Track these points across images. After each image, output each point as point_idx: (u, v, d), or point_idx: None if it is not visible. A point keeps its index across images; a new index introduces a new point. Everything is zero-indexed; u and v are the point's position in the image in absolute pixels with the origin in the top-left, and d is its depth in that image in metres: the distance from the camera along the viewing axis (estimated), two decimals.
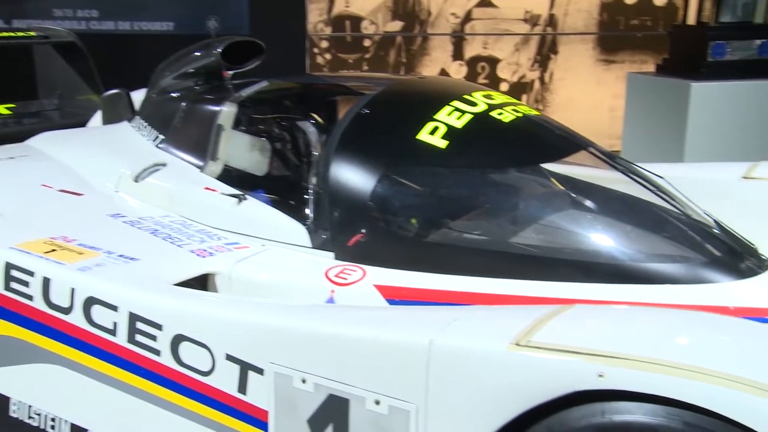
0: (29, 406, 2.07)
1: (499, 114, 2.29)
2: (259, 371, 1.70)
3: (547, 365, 1.39)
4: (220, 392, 1.76)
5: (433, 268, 2.01)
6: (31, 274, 2.01)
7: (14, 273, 2.03)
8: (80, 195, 2.58)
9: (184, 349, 1.80)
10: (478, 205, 2.31)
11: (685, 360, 1.32)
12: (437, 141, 2.18)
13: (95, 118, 3.56)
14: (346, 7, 6.66)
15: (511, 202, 2.31)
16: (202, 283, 2.12)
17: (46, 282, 1.98)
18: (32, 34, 4.46)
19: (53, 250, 2.10)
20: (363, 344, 1.60)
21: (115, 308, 1.89)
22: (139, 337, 1.85)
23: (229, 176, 2.53)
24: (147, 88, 3.08)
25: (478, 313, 1.72)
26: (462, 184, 2.33)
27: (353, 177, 2.19)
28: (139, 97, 3.17)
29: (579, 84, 7.08)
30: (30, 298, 2.01)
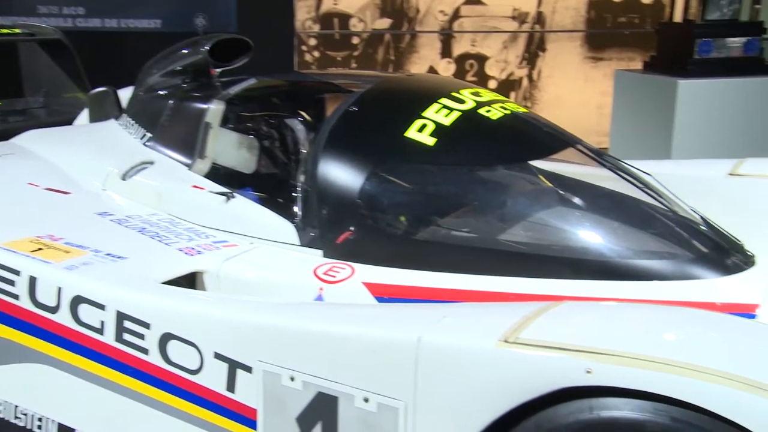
0: (15, 406, 2.06)
1: (487, 111, 2.29)
2: (248, 369, 1.70)
3: (536, 362, 1.40)
4: (209, 391, 1.76)
5: (422, 265, 2.01)
6: (17, 273, 1.99)
7: (0, 272, 2.01)
8: (67, 193, 2.56)
9: (172, 348, 1.79)
10: (467, 203, 2.32)
11: (672, 356, 1.33)
12: (425, 138, 2.19)
13: (82, 116, 3.54)
14: (335, 4, 6.65)
15: (500, 200, 2.32)
16: (190, 281, 2.11)
17: (33, 281, 1.97)
18: (17, 31, 4.43)
19: (39, 249, 2.09)
20: (352, 342, 1.60)
21: (102, 307, 1.88)
22: (127, 336, 1.84)
23: (217, 174, 2.52)
24: (134, 86, 3.06)
25: (467, 311, 1.72)
26: (450, 181, 2.33)
27: (341, 175, 2.19)
28: (126, 95, 3.16)
29: (567, 81, 7.10)
30: (16, 298, 1.99)
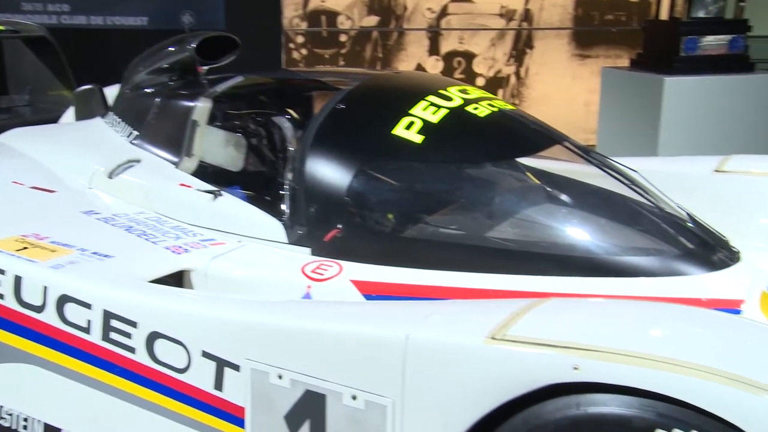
0: (0, 407, 2.04)
1: (475, 109, 2.29)
2: (236, 368, 1.70)
3: (523, 358, 1.40)
4: (196, 389, 1.75)
5: (410, 262, 2.01)
6: (2, 272, 1.98)
7: None
8: (53, 192, 2.55)
9: (160, 347, 1.78)
10: (454, 200, 2.32)
11: (658, 352, 1.34)
12: (413, 136, 2.19)
13: (68, 114, 3.52)
14: (322, 2, 6.63)
15: (487, 197, 2.32)
16: (177, 280, 2.11)
17: (18, 280, 1.96)
18: (1, 28, 4.39)
19: (25, 248, 2.07)
20: (339, 339, 1.60)
21: (89, 306, 1.87)
22: (114, 335, 1.84)
23: (205, 172, 2.51)
24: (120, 84, 3.05)
25: (454, 308, 1.72)
26: (438, 178, 2.33)
27: (329, 172, 2.18)
28: (113, 92, 3.14)
29: (554, 79, 7.11)
30: (1, 297, 1.98)
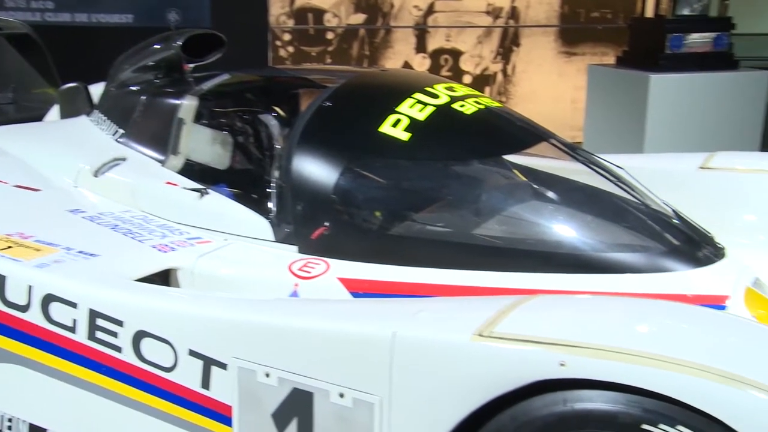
0: None
1: (461, 106, 2.29)
2: (223, 366, 1.69)
3: (510, 355, 1.40)
4: (183, 388, 1.75)
5: (397, 260, 2.01)
6: None
7: None
8: (37, 190, 2.53)
9: (146, 345, 1.78)
10: (441, 197, 2.32)
11: (645, 348, 1.34)
12: (400, 133, 2.19)
13: (52, 112, 3.50)
14: None
15: (474, 194, 2.32)
16: (164, 278, 2.10)
17: (2, 280, 1.94)
18: None
19: (9, 247, 2.06)
20: (327, 337, 1.59)
21: (74, 305, 1.86)
22: (100, 334, 1.83)
23: (191, 170, 2.50)
24: (106, 82, 3.03)
25: (441, 305, 1.73)
26: (424, 176, 2.33)
27: (316, 170, 2.18)
28: (98, 90, 3.12)
29: (541, 76, 7.14)
30: None
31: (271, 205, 2.21)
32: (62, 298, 1.87)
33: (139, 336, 1.78)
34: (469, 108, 2.30)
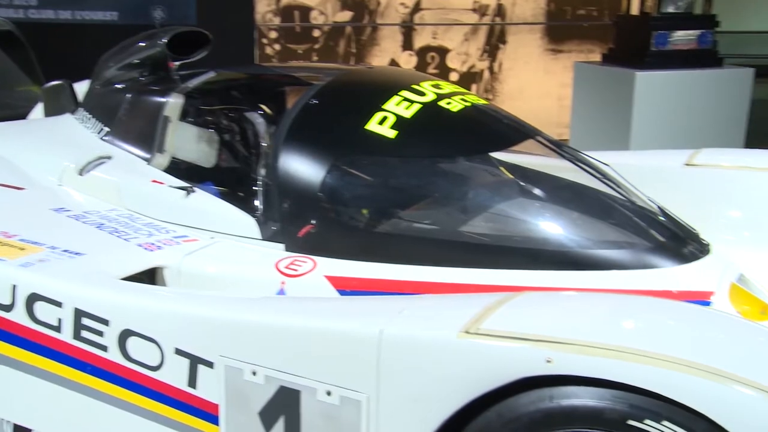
0: None
1: (448, 103, 2.30)
2: (209, 365, 1.69)
3: (496, 352, 1.41)
4: (170, 387, 1.74)
5: (384, 258, 2.01)
6: None
7: None
8: (21, 189, 2.51)
9: (132, 344, 1.77)
10: (428, 195, 2.32)
11: (630, 344, 1.35)
12: (386, 131, 2.18)
13: (36, 110, 3.47)
14: None
15: (461, 191, 2.33)
16: (150, 277, 2.09)
17: None
18: None
19: None
20: (313, 335, 1.59)
21: (59, 304, 1.84)
22: (86, 333, 1.82)
23: (177, 168, 2.49)
24: (90, 80, 3.01)
25: (428, 302, 1.73)
26: (411, 173, 2.33)
27: (302, 168, 2.18)
28: (83, 88, 3.10)
29: (527, 73, 7.15)
30: None
31: (257, 203, 2.21)
32: (47, 298, 1.86)
33: (125, 335, 1.77)
34: (455, 105, 2.30)
